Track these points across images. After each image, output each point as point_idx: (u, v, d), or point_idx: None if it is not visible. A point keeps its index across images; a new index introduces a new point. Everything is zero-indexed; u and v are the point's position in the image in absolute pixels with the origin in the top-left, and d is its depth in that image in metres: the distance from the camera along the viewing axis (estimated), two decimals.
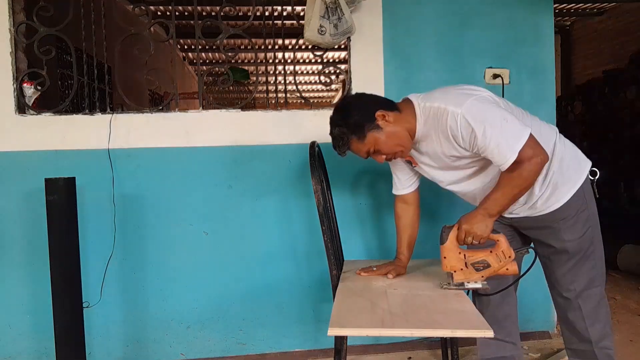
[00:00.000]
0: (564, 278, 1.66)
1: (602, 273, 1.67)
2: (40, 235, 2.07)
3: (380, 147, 1.53)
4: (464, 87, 1.54)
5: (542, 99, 2.41)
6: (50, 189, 1.79)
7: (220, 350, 2.31)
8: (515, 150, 1.38)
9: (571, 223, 1.60)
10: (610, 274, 3.55)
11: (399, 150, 1.56)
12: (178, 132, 2.23)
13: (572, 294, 1.65)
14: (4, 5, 2.13)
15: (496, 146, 1.39)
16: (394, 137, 1.53)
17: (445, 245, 1.52)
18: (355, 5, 2.18)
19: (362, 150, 1.55)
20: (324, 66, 2.43)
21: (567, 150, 1.61)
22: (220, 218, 2.27)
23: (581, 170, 1.60)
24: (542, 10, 2.39)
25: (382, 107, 1.53)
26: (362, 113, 1.51)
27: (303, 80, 9.39)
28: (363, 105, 1.54)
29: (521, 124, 1.42)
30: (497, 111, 1.43)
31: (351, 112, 1.53)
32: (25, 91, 2.18)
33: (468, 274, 1.53)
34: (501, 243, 1.51)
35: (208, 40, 2.40)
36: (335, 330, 1.28)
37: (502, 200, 1.46)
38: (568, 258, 1.63)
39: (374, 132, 1.51)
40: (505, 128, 1.39)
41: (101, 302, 2.20)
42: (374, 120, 1.51)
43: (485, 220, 1.47)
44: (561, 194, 1.57)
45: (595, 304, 1.65)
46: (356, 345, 2.35)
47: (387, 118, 1.51)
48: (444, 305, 1.42)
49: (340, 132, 1.53)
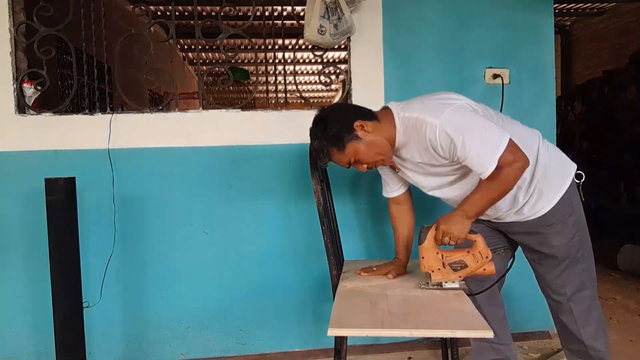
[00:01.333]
0: (555, 282, 1.67)
1: (592, 276, 1.68)
2: (40, 235, 2.06)
3: (360, 157, 1.54)
4: (442, 95, 1.55)
5: (542, 99, 2.41)
6: (50, 189, 1.78)
7: (220, 350, 2.31)
8: (495, 158, 1.39)
9: (559, 228, 1.60)
10: (610, 274, 3.55)
11: (379, 159, 1.57)
12: (178, 132, 2.23)
13: (563, 298, 1.66)
14: (4, 5, 2.13)
15: (476, 155, 1.41)
16: (374, 146, 1.53)
17: (424, 246, 1.54)
18: (355, 5, 2.18)
19: (343, 161, 1.56)
20: (324, 66, 2.43)
21: (551, 155, 1.62)
22: (220, 218, 2.27)
23: (566, 174, 1.61)
24: (542, 10, 2.38)
25: (361, 117, 1.53)
26: (340, 124, 1.52)
27: (303, 80, 9.39)
28: (341, 116, 1.54)
29: (500, 130, 1.43)
30: (476, 120, 1.44)
31: (330, 124, 1.53)
32: (25, 91, 2.18)
33: (446, 274, 1.55)
34: (478, 244, 1.53)
35: (208, 40, 2.40)
36: (335, 331, 1.28)
37: (480, 203, 1.48)
38: (557, 263, 1.64)
39: (353, 142, 1.52)
40: (484, 137, 1.40)
41: (101, 302, 2.20)
42: (353, 130, 1.51)
43: (463, 222, 1.49)
44: (547, 200, 1.58)
45: (586, 307, 1.65)
46: (356, 345, 2.35)
47: (365, 128, 1.52)
48: (443, 306, 1.42)
49: (320, 145, 1.54)
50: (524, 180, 1.56)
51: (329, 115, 1.56)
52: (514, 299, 2.34)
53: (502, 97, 2.32)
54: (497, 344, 1.83)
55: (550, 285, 1.69)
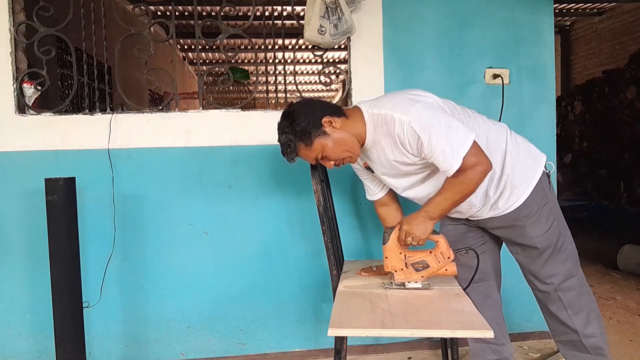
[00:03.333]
0: (540, 272, 1.67)
1: (575, 262, 1.68)
2: (40, 235, 2.07)
3: (327, 153, 1.55)
4: (411, 92, 1.56)
5: (542, 99, 2.41)
6: (50, 189, 1.78)
7: (220, 350, 2.31)
8: (459, 156, 1.41)
9: (535, 219, 1.62)
10: (610, 274, 3.55)
11: (346, 157, 1.58)
12: (178, 132, 2.23)
13: (550, 287, 1.66)
14: (4, 5, 2.13)
15: (441, 153, 1.42)
16: (341, 143, 1.54)
17: (387, 246, 1.57)
18: (355, 5, 2.18)
19: (310, 156, 1.57)
20: (324, 66, 2.43)
21: (520, 148, 1.63)
22: (220, 218, 2.27)
23: (536, 165, 1.62)
24: (542, 10, 2.38)
25: (329, 113, 1.54)
26: (308, 119, 1.52)
27: (303, 80, 9.41)
28: (310, 111, 1.54)
29: (466, 129, 1.45)
30: (443, 118, 1.45)
31: (297, 118, 1.53)
32: (25, 91, 2.18)
33: (408, 274, 1.57)
34: (440, 244, 1.56)
35: (208, 40, 2.40)
36: (335, 331, 1.28)
37: (443, 205, 1.50)
38: (539, 253, 1.64)
39: (320, 138, 1.53)
40: (449, 135, 1.42)
41: (101, 302, 2.20)
42: (321, 126, 1.52)
43: (425, 223, 1.52)
44: (520, 192, 1.59)
45: (575, 294, 1.66)
46: (356, 345, 2.35)
47: (334, 124, 1.53)
48: (443, 306, 1.43)
49: (287, 139, 1.55)
50: (494, 174, 1.57)
51: (297, 110, 1.56)
52: (513, 299, 2.34)
53: (502, 97, 2.32)
54: (494, 344, 1.83)
55: (536, 276, 1.69)
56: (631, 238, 3.98)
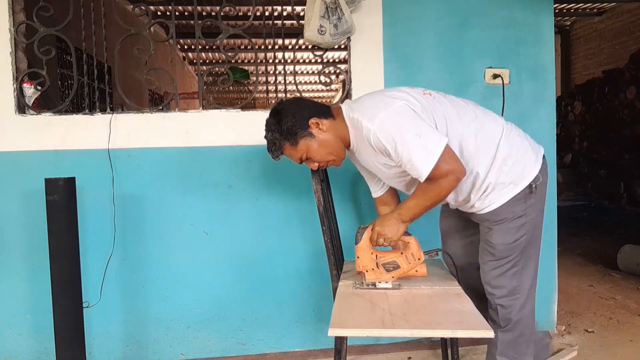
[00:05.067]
0: (486, 276, 1.65)
1: (525, 285, 1.63)
2: (40, 235, 2.06)
3: (312, 154, 1.55)
4: (386, 93, 1.53)
5: (542, 99, 2.41)
6: (50, 189, 1.78)
7: (220, 350, 2.31)
8: (428, 166, 1.39)
9: (504, 227, 1.57)
10: (610, 274, 3.55)
11: (331, 160, 1.59)
12: (178, 132, 2.23)
13: (492, 297, 1.65)
14: (4, 5, 2.12)
15: (408, 162, 1.41)
16: (326, 145, 1.54)
17: (359, 246, 1.59)
18: (355, 5, 2.18)
19: (294, 155, 1.58)
20: (324, 66, 2.43)
21: (513, 152, 1.54)
22: (220, 218, 2.27)
23: (525, 176, 1.54)
24: (542, 10, 2.38)
25: (317, 114, 1.54)
26: (295, 119, 1.53)
27: (303, 80, 9.40)
28: (297, 111, 1.54)
29: (436, 136, 1.40)
30: (411, 125, 1.41)
31: (285, 117, 1.53)
32: (25, 91, 2.18)
33: (379, 274, 1.59)
34: (411, 245, 1.57)
35: (208, 40, 2.40)
36: (335, 331, 1.28)
37: (414, 209, 1.52)
38: (493, 259, 1.62)
39: (306, 139, 1.53)
40: (417, 144, 1.39)
41: (101, 302, 2.20)
42: (307, 127, 1.52)
43: (397, 224, 1.53)
44: (497, 197, 1.54)
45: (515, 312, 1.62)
46: (356, 345, 2.35)
47: (320, 126, 1.53)
48: (443, 305, 1.43)
49: (273, 137, 1.56)
50: (478, 177, 1.53)
51: (285, 109, 1.56)
52: None
53: (502, 97, 2.32)
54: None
55: (486, 280, 1.66)
56: (631, 238, 3.99)
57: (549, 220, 2.44)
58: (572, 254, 4.09)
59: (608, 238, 4.74)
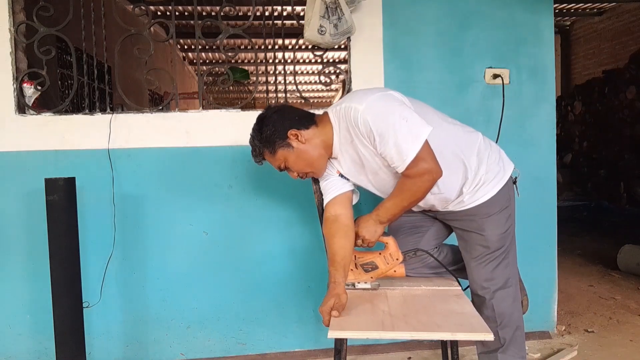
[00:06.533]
0: (481, 271, 1.64)
1: (515, 275, 1.68)
2: (40, 235, 2.06)
3: (290, 165, 1.57)
4: (375, 88, 1.57)
5: (542, 99, 2.41)
6: (50, 189, 1.78)
7: (220, 350, 2.31)
8: (414, 150, 1.39)
9: (495, 218, 1.61)
10: (610, 274, 3.55)
11: (309, 172, 1.60)
12: (178, 132, 2.23)
13: (487, 293, 1.63)
14: (4, 5, 2.12)
15: (394, 144, 1.40)
16: (304, 157, 1.55)
17: None
18: (355, 5, 2.18)
19: (273, 163, 1.60)
20: (324, 66, 2.42)
21: (493, 148, 1.64)
22: (220, 218, 2.27)
23: (505, 167, 1.63)
24: (542, 10, 2.38)
25: (298, 125, 1.54)
26: (275, 129, 1.53)
27: (303, 80, 9.40)
28: (278, 120, 1.55)
29: (422, 122, 1.42)
30: (398, 110, 1.43)
31: (265, 126, 1.55)
32: (25, 91, 2.18)
33: (358, 275, 1.60)
34: (390, 246, 1.59)
35: (208, 40, 2.40)
36: (335, 333, 1.28)
37: (392, 210, 1.53)
38: (488, 252, 1.62)
39: (284, 149, 1.54)
40: (403, 126, 1.40)
41: (101, 302, 2.20)
42: (286, 138, 1.53)
43: (375, 226, 1.56)
44: (488, 189, 1.59)
45: (508, 305, 1.63)
46: (356, 345, 2.35)
47: (299, 137, 1.53)
48: (443, 307, 1.43)
49: (254, 144, 1.58)
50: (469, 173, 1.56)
51: (267, 117, 1.57)
52: None
53: (502, 97, 2.32)
54: None
55: (475, 279, 1.66)
56: (631, 238, 3.98)
57: (549, 220, 2.44)
58: (572, 254, 4.09)
59: (608, 238, 4.74)
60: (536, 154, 2.40)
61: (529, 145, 2.40)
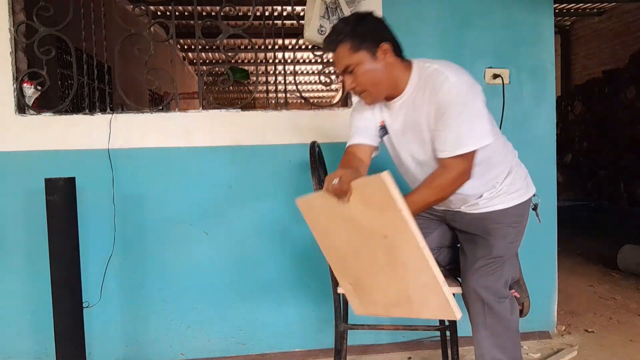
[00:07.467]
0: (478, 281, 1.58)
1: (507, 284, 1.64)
2: (40, 235, 2.06)
3: (357, 71, 1.46)
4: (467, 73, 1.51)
5: (542, 99, 2.41)
6: (50, 189, 1.78)
7: (220, 350, 2.31)
8: (472, 146, 1.39)
9: (504, 229, 1.59)
10: (610, 274, 3.55)
11: (367, 90, 1.49)
12: (178, 132, 2.23)
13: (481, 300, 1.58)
14: (4, 5, 2.13)
15: (456, 131, 1.38)
16: (376, 75, 1.46)
17: None
18: (355, 5, 2.18)
19: (342, 61, 1.47)
20: (324, 66, 2.43)
21: (522, 169, 1.67)
22: (220, 218, 2.27)
23: (528, 189, 1.65)
24: (542, 10, 2.38)
25: (393, 45, 1.47)
26: (374, 31, 1.46)
27: (303, 80, 9.40)
28: (380, 26, 1.49)
29: (487, 130, 1.42)
30: (480, 105, 1.42)
31: (368, 23, 1.47)
32: (25, 91, 2.18)
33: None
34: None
35: (208, 40, 2.40)
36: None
37: (417, 205, 1.42)
38: (487, 257, 1.58)
39: (367, 54, 1.44)
40: (475, 121, 1.39)
41: (101, 302, 2.20)
42: (377, 46, 1.45)
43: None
44: (506, 199, 1.59)
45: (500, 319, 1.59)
46: (356, 345, 2.35)
47: (387, 55, 1.46)
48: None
49: (341, 29, 1.46)
50: (495, 181, 1.58)
51: (372, 19, 1.49)
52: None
53: (502, 97, 2.32)
54: None
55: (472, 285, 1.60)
56: (631, 238, 3.98)
57: (549, 220, 2.44)
58: (572, 254, 4.09)
59: (608, 238, 4.74)
60: (536, 154, 2.39)
61: (529, 145, 2.39)
